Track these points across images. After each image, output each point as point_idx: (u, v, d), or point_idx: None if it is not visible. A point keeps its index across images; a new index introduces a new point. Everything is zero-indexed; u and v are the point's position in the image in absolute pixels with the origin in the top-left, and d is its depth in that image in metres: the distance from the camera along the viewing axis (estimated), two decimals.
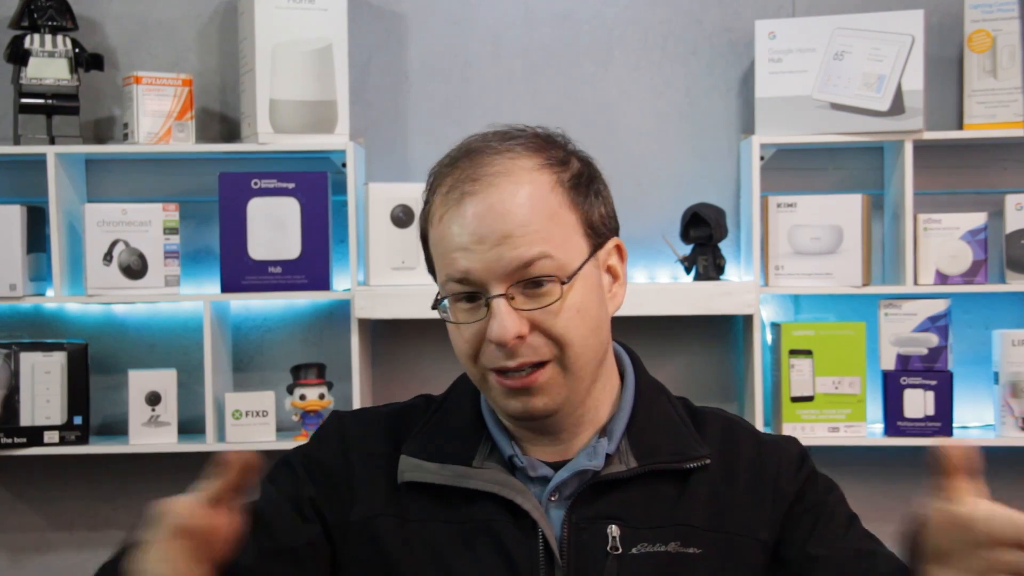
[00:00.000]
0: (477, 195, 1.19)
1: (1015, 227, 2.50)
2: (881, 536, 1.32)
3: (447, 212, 1.21)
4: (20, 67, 2.48)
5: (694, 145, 2.67)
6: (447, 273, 1.20)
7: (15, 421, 2.45)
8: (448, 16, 2.68)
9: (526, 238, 1.18)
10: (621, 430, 1.27)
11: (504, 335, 1.16)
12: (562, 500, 1.24)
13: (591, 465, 1.23)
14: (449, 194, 1.21)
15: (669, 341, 2.64)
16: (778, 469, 1.29)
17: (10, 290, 2.46)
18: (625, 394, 1.30)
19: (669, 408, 1.32)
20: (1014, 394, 2.48)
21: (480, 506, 1.23)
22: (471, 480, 1.24)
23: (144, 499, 2.90)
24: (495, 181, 1.20)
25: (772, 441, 1.33)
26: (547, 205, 1.20)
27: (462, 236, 1.19)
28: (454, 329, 1.22)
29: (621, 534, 1.22)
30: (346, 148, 2.49)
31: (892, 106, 2.46)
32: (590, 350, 1.22)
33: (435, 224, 1.23)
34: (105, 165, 2.64)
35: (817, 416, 2.50)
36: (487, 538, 1.22)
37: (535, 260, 1.18)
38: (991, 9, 2.50)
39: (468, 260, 1.18)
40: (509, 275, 1.18)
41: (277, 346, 2.67)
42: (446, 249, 1.20)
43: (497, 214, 1.18)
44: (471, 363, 1.22)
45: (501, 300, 1.17)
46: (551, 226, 1.20)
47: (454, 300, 1.21)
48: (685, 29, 2.67)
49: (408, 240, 2.47)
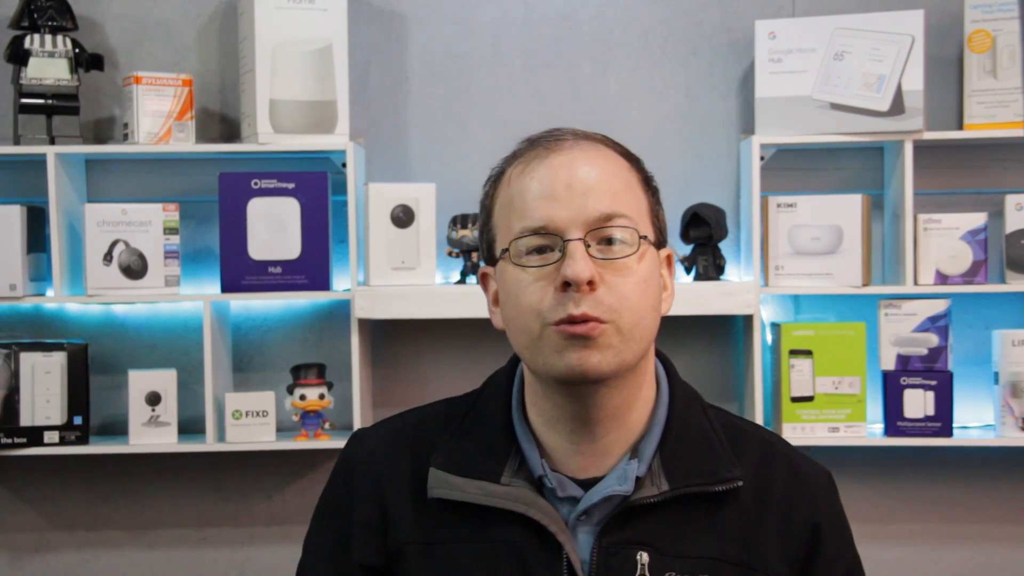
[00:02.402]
0: (564, 152, 1.23)
1: (1015, 227, 2.50)
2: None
3: (529, 166, 1.23)
4: (20, 67, 2.48)
5: (694, 145, 2.67)
6: (525, 224, 1.21)
7: (15, 421, 2.45)
8: (448, 16, 2.68)
9: (609, 195, 1.21)
10: (652, 450, 1.25)
11: (580, 273, 1.17)
12: (591, 523, 1.23)
13: (621, 490, 1.22)
14: (533, 151, 1.24)
15: (669, 341, 2.60)
16: (809, 509, 1.28)
17: (10, 290, 2.46)
18: (659, 409, 1.29)
19: (704, 421, 1.30)
20: (1014, 394, 2.48)
21: (506, 526, 1.23)
22: (498, 499, 1.23)
23: (144, 499, 2.92)
24: (581, 145, 1.25)
25: (807, 473, 1.31)
26: (627, 178, 1.25)
27: (547, 183, 1.21)
28: (515, 279, 1.21)
29: (650, 561, 1.21)
30: (346, 148, 2.49)
31: (892, 106, 2.46)
32: (646, 325, 1.23)
33: (511, 182, 1.25)
34: (105, 165, 2.64)
35: (817, 416, 2.50)
36: (512, 560, 1.22)
37: (615, 216, 1.21)
38: (991, 9, 2.50)
39: (551, 207, 1.20)
40: (589, 224, 1.20)
41: (277, 346, 2.67)
42: (526, 200, 1.22)
43: (584, 168, 1.22)
44: (532, 318, 1.20)
45: (579, 243, 1.19)
46: (629, 195, 1.24)
47: (522, 252, 1.21)
48: (685, 29, 2.67)
49: (408, 240, 2.47)
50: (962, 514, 2.66)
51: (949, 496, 2.66)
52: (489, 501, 1.23)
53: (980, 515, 2.66)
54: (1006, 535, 2.66)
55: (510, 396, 1.30)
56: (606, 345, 1.19)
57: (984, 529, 2.66)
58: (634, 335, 1.21)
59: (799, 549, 1.26)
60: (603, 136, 1.29)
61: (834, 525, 1.31)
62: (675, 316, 2.55)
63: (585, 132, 1.28)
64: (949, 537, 2.66)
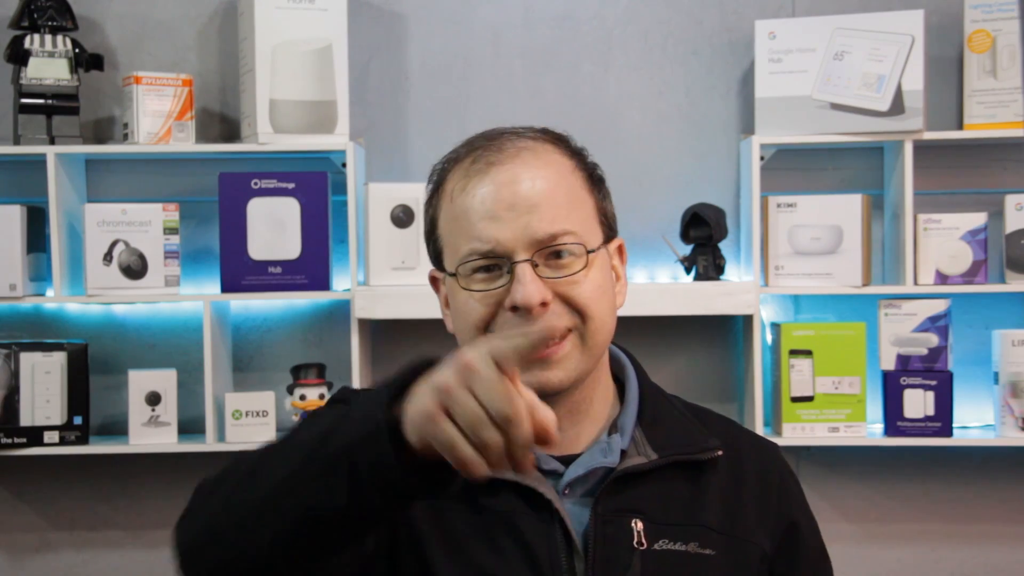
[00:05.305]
0: (504, 165, 1.21)
1: (1015, 227, 2.50)
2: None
3: (470, 183, 1.21)
4: (20, 67, 2.48)
5: (694, 145, 2.67)
6: (470, 246, 1.19)
7: (15, 421, 2.45)
8: (448, 16, 2.68)
9: (553, 211, 1.19)
10: (631, 424, 1.27)
11: (530, 298, 1.16)
12: (575, 496, 1.24)
13: (607, 462, 1.23)
14: (473, 165, 1.22)
15: (669, 341, 2.64)
16: (782, 487, 1.32)
17: (10, 290, 2.46)
18: (630, 391, 1.31)
19: (670, 406, 1.33)
20: (1014, 394, 2.47)
21: (498, 496, 1.22)
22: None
23: (144, 499, 2.92)
24: (520, 155, 1.22)
25: (767, 448, 1.36)
26: (570, 185, 1.23)
27: (489, 203, 1.19)
28: (465, 301, 1.21)
29: (644, 528, 1.22)
30: (346, 148, 2.49)
31: (892, 106, 2.45)
32: (606, 329, 1.23)
33: (454, 198, 1.22)
34: (105, 165, 2.64)
35: (817, 416, 2.50)
36: (507, 529, 1.21)
37: (561, 234, 1.19)
38: (991, 9, 2.50)
39: (496, 228, 1.18)
40: (535, 243, 1.18)
41: (277, 346, 2.67)
42: (471, 220, 1.20)
43: (526, 183, 1.20)
44: (480, 336, 1.20)
45: (526, 266, 1.18)
46: (573, 205, 1.22)
47: (470, 272, 1.20)
48: (685, 29, 2.67)
49: (408, 240, 2.47)
50: (962, 514, 2.66)
51: (949, 496, 2.66)
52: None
53: (980, 515, 2.65)
54: (1006, 535, 2.66)
55: None
56: (567, 360, 1.20)
57: (984, 529, 2.66)
58: (596, 340, 1.22)
59: (777, 523, 1.29)
60: (544, 133, 1.27)
61: (806, 516, 1.34)
62: (675, 316, 2.56)
63: (526, 134, 1.25)
64: (949, 537, 2.66)
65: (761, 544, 1.27)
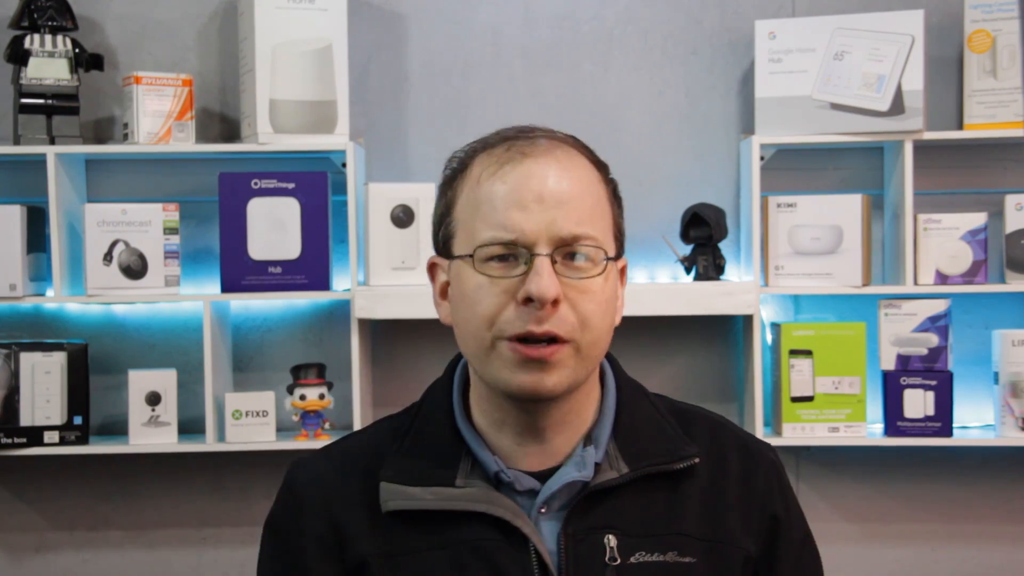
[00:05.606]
0: (538, 158, 1.20)
1: (1015, 227, 2.50)
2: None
3: (502, 169, 1.20)
4: (20, 67, 2.48)
5: (694, 145, 2.67)
6: (493, 232, 1.18)
7: (15, 421, 2.45)
8: (448, 16, 2.68)
9: (579, 213, 1.19)
10: (606, 436, 1.26)
11: (546, 291, 1.15)
12: (552, 512, 1.23)
13: (580, 476, 1.22)
14: (507, 152, 1.21)
15: (669, 341, 2.64)
16: (766, 485, 1.30)
17: (10, 290, 2.46)
18: (607, 398, 1.29)
19: (651, 409, 1.31)
20: (1014, 394, 2.48)
21: (468, 527, 1.21)
22: (456, 501, 1.21)
23: (144, 499, 2.92)
24: (554, 152, 1.22)
25: (756, 449, 1.33)
26: (597, 193, 1.23)
27: (519, 192, 1.18)
28: (476, 287, 1.19)
29: (618, 543, 1.21)
30: (346, 148, 2.49)
31: (892, 106, 2.46)
32: (602, 344, 1.23)
33: (481, 182, 1.21)
34: (105, 165, 2.64)
35: (817, 416, 2.50)
36: (478, 560, 1.20)
37: (583, 236, 1.19)
38: (991, 9, 2.50)
39: (520, 218, 1.17)
40: (557, 240, 1.18)
41: (277, 346, 2.67)
42: (496, 206, 1.19)
43: (558, 180, 1.19)
44: (485, 328, 1.18)
45: (546, 260, 1.17)
46: (597, 212, 1.22)
47: (485, 258, 1.19)
48: (685, 29, 2.67)
49: (408, 240, 2.47)
50: (962, 514, 2.66)
51: (949, 496, 2.66)
52: (447, 505, 1.21)
53: (980, 515, 2.66)
54: (1006, 535, 2.66)
55: (451, 404, 1.28)
56: (563, 366, 1.19)
57: (984, 529, 2.66)
58: (591, 354, 1.21)
59: (762, 525, 1.28)
60: (575, 140, 1.27)
61: (788, 509, 1.32)
62: (675, 316, 2.56)
63: (558, 135, 1.26)
64: (949, 537, 2.66)
65: (745, 547, 1.26)
